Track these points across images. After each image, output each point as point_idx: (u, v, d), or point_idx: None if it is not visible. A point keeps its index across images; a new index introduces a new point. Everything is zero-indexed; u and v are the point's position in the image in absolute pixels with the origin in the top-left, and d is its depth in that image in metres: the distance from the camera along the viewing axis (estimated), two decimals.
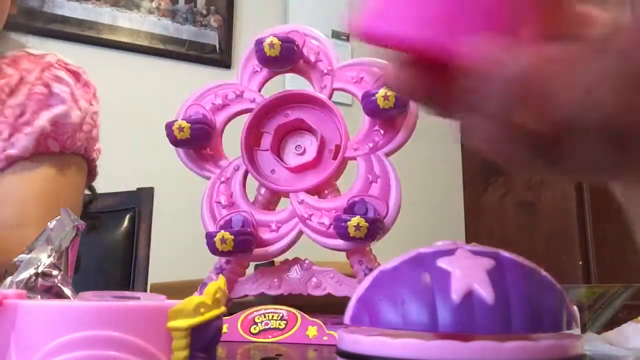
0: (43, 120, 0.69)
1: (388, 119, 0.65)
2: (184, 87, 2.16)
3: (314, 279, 0.66)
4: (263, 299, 0.72)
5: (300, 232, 0.66)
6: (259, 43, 0.66)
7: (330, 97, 0.68)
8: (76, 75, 0.74)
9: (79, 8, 0.80)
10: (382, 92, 0.62)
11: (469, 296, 0.26)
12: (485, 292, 0.26)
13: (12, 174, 0.68)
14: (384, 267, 0.30)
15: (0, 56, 0.72)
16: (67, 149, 0.72)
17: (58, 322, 0.25)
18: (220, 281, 0.30)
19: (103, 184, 0.87)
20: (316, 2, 2.40)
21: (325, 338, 0.58)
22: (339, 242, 0.63)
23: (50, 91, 0.71)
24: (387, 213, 0.63)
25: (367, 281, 0.30)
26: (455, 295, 0.26)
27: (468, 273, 0.27)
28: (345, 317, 0.30)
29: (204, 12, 2.31)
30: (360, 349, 0.28)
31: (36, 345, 0.25)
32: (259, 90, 0.71)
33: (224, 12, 2.34)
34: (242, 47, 2.32)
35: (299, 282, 0.66)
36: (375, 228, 0.60)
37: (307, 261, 0.67)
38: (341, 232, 0.60)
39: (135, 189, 1.20)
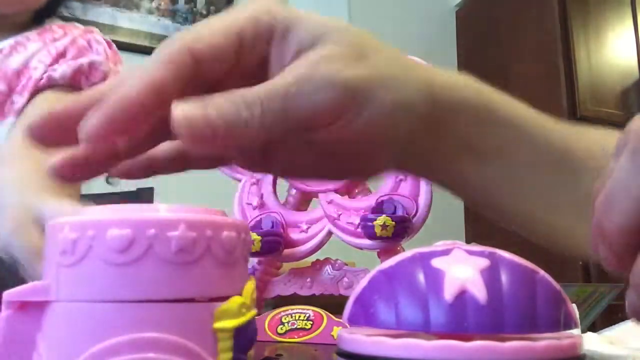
0: (82, 60, 0.80)
1: None
2: None
3: (346, 279, 0.66)
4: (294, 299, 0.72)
5: (330, 232, 0.66)
6: None
7: None
8: (109, 44, 0.87)
9: (79, 8, 0.88)
10: None
11: (462, 296, 0.25)
12: (478, 291, 0.25)
13: (44, 100, 0.76)
14: (382, 267, 0.29)
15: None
16: None
17: (100, 324, 0.23)
18: (252, 281, 0.29)
19: (103, 184, 0.88)
20: (316, 3, 2.38)
21: None
22: (368, 242, 0.63)
23: (90, 46, 0.83)
24: (416, 212, 0.63)
25: (365, 281, 0.30)
26: (448, 295, 0.26)
27: (462, 273, 0.26)
28: (343, 317, 0.30)
29: (204, 12, 2.32)
30: (360, 349, 0.28)
31: (75, 350, 0.23)
32: None
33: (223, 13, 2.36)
34: None
35: (331, 282, 0.66)
36: (403, 227, 0.60)
37: (338, 261, 0.67)
38: (368, 231, 0.60)
39: (135, 189, 1.20)
